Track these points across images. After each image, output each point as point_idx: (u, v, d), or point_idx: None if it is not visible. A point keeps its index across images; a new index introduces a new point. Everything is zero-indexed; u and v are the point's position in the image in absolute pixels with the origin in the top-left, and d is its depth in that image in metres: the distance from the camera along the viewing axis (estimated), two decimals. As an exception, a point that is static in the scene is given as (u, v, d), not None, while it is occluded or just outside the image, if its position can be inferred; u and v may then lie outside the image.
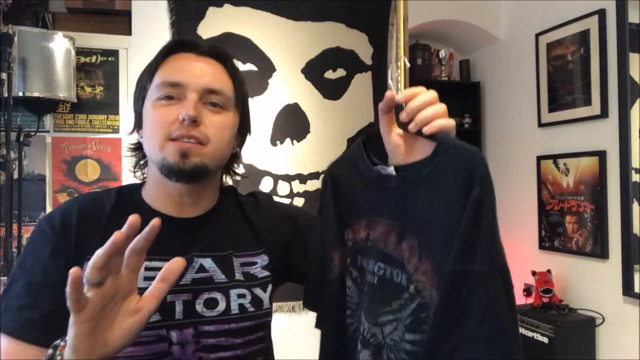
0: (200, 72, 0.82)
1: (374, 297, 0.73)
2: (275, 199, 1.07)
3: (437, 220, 0.66)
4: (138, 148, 0.89)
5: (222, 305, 0.81)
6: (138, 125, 0.86)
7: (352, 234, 0.80)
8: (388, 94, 0.73)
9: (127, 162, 0.93)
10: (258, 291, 0.86)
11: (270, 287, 0.88)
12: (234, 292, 0.83)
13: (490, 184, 0.63)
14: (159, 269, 0.68)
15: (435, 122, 0.69)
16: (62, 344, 0.65)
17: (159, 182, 0.84)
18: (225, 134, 0.83)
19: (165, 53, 0.84)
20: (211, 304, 0.81)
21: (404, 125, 0.73)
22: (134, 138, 0.89)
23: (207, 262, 0.83)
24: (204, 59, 0.84)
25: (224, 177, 0.94)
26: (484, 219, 0.62)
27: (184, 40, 0.87)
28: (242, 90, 0.88)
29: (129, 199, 0.86)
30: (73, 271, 0.55)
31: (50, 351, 0.65)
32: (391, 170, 0.74)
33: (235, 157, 0.94)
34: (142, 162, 0.90)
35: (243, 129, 0.90)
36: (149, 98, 0.82)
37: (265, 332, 0.88)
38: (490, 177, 0.64)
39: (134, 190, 0.88)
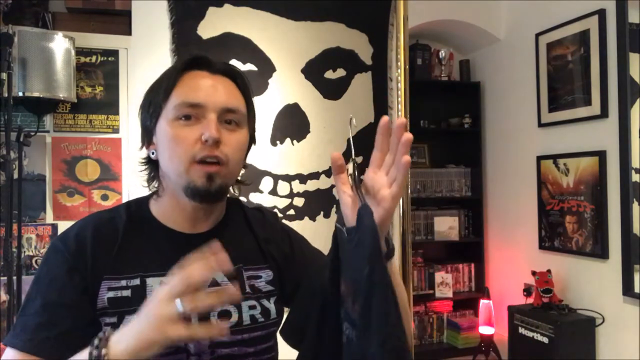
0: (217, 91, 0.83)
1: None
2: (275, 198, 1.10)
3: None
4: (148, 162, 0.90)
5: (234, 317, 0.84)
6: (148, 141, 0.87)
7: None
8: (333, 155, 0.73)
9: (127, 162, 0.94)
10: (265, 302, 0.89)
11: (275, 298, 0.91)
12: (245, 304, 0.86)
13: (379, 266, 0.66)
14: None
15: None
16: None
17: (174, 197, 0.86)
18: (242, 152, 0.86)
19: (180, 71, 0.85)
20: (225, 315, 0.84)
21: (353, 186, 0.73)
22: (144, 152, 0.89)
23: (219, 276, 0.85)
24: (218, 77, 0.85)
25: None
26: (374, 299, 0.65)
27: (198, 58, 0.87)
28: (252, 106, 0.90)
29: (139, 216, 0.87)
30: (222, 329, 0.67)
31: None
32: (344, 231, 0.74)
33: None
34: (152, 174, 0.91)
35: (250, 142, 0.92)
36: (165, 117, 0.83)
37: (274, 342, 0.91)
38: (379, 259, 0.66)
39: (142, 205, 0.89)
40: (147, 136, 0.87)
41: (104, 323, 0.78)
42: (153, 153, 0.86)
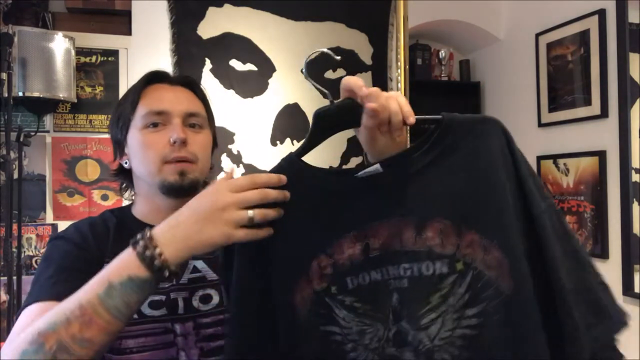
0: (179, 99, 0.93)
1: (410, 302, 0.69)
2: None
3: (469, 194, 0.70)
4: (120, 172, 0.99)
5: (215, 299, 0.91)
6: (120, 153, 0.96)
7: (328, 259, 0.72)
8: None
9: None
10: None
11: None
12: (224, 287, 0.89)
13: (512, 144, 0.73)
14: None
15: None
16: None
17: (149, 199, 0.94)
18: (207, 150, 0.96)
19: (143, 85, 0.94)
20: (206, 299, 0.91)
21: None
22: (115, 164, 1.00)
23: (199, 264, 0.93)
24: (177, 88, 0.96)
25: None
26: (525, 169, 0.72)
27: (156, 73, 0.97)
28: (211, 111, 1.00)
29: (125, 217, 0.96)
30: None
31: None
32: (377, 167, 0.73)
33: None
34: (124, 184, 1.01)
35: (213, 144, 1.01)
36: (135, 127, 0.91)
37: None
38: (509, 137, 0.73)
39: (124, 210, 0.99)
40: (119, 148, 0.96)
41: None
42: (126, 163, 0.95)
